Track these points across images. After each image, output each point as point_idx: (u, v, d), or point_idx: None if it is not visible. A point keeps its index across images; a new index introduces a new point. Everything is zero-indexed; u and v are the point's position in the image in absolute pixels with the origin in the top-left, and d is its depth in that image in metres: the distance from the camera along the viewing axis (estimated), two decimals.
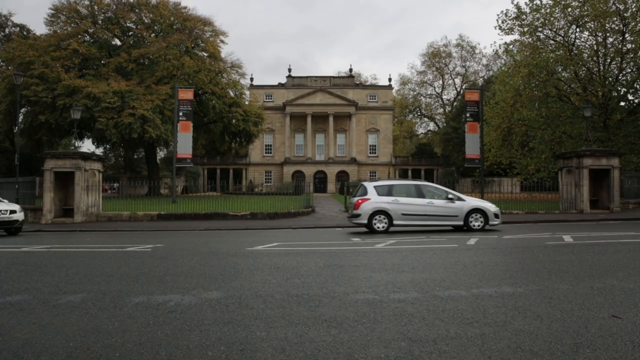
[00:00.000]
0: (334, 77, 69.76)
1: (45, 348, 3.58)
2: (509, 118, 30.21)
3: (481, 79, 65.84)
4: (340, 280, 6.19)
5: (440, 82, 74.20)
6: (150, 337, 3.83)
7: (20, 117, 36.15)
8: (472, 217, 13.75)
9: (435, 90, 74.83)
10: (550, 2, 27.30)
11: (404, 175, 64.20)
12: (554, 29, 28.15)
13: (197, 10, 50.75)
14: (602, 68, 28.00)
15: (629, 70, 27.61)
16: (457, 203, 13.95)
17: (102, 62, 41.56)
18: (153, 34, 43.92)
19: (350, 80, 68.57)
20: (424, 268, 7.11)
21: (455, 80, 73.20)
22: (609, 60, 27.95)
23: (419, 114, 77.31)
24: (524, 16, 28.15)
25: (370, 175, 63.48)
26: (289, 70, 67.14)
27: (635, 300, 4.95)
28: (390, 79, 78.87)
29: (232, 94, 44.26)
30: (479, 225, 13.76)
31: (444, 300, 5.00)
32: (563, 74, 28.61)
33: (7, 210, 14.05)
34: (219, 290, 5.59)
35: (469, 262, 7.62)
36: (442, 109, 75.11)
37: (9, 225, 14.07)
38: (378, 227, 13.50)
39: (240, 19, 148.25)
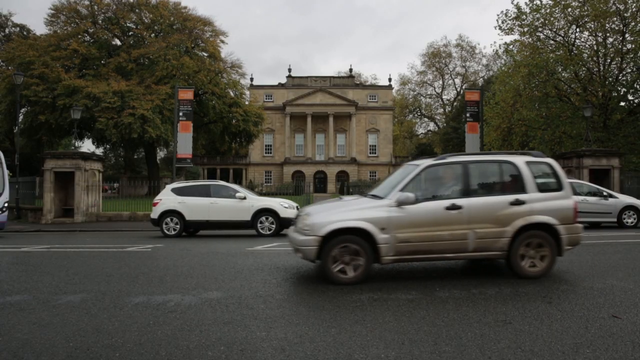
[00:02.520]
0: (334, 77, 69.74)
1: (45, 348, 3.58)
2: (509, 118, 30.21)
3: (481, 79, 65.84)
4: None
5: (440, 82, 74.22)
6: (150, 337, 3.83)
7: (20, 117, 36.14)
8: (625, 214, 14.55)
9: (435, 90, 74.86)
10: (550, 2, 27.31)
11: None
12: (554, 29, 28.15)
13: (197, 10, 50.69)
14: (602, 68, 27.99)
15: (629, 70, 27.61)
16: (611, 200, 14.66)
17: (102, 62, 41.58)
18: (153, 34, 43.93)
19: (350, 80, 68.57)
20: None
21: (455, 80, 73.23)
22: (609, 60, 27.94)
23: (419, 114, 77.33)
24: (524, 16, 28.15)
25: (370, 176, 63.51)
26: (289, 70, 67.14)
27: (635, 300, 4.96)
28: (390, 79, 78.87)
29: (232, 94, 44.27)
30: (631, 222, 14.51)
31: (444, 300, 4.99)
32: (563, 74, 28.60)
33: None
34: (219, 290, 5.59)
35: (469, 262, 7.62)
36: (442, 109, 75.12)
37: None
38: None
39: (240, 22, 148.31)
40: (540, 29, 28.33)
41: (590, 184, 15.67)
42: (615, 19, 26.21)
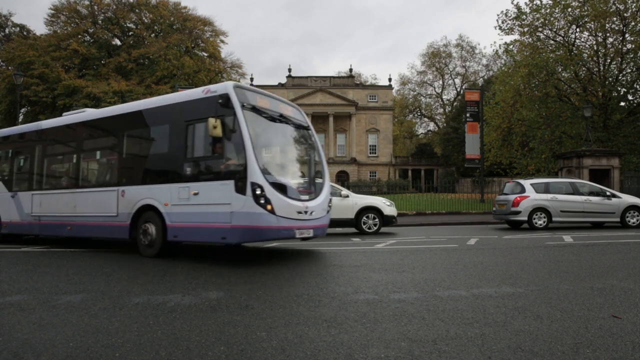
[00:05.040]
0: (334, 77, 69.71)
1: (45, 348, 3.58)
2: (509, 118, 30.21)
3: (481, 79, 65.84)
4: (340, 281, 6.19)
5: (440, 82, 74.24)
6: (150, 337, 3.83)
7: (20, 117, 36.19)
8: (628, 214, 14.70)
9: (435, 90, 74.87)
10: (550, 2, 27.31)
11: (403, 176, 64.15)
12: (554, 29, 28.15)
13: (197, 11, 50.77)
14: (602, 68, 28.00)
15: (629, 70, 27.62)
16: (614, 200, 14.64)
17: (102, 62, 41.63)
18: (153, 34, 43.93)
19: (350, 80, 68.54)
20: (424, 268, 7.11)
21: (455, 80, 73.24)
22: (609, 61, 27.95)
23: (419, 114, 77.35)
24: (524, 16, 28.16)
25: (370, 176, 63.47)
26: (289, 70, 67.11)
27: (635, 300, 4.95)
28: (390, 79, 78.82)
29: None
30: (634, 222, 14.61)
31: (444, 300, 5.00)
32: (563, 74, 28.61)
33: None
34: (218, 290, 5.59)
35: (469, 262, 7.62)
36: (442, 109, 75.14)
37: None
38: (538, 224, 14.46)
39: (241, 25, 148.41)
40: (540, 29, 28.34)
41: (593, 184, 15.70)
42: (615, 19, 26.21)
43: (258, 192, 6.94)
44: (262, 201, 6.98)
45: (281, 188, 7.38)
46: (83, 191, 9.90)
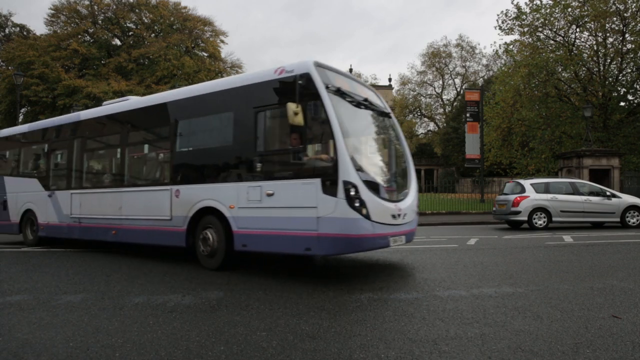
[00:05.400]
0: None
1: (45, 348, 3.58)
2: (509, 118, 30.20)
3: (481, 79, 65.81)
4: (337, 280, 6.19)
5: (440, 82, 74.19)
6: (150, 337, 3.83)
7: (20, 117, 36.20)
8: (628, 214, 14.76)
9: (435, 90, 74.83)
10: (550, 2, 27.32)
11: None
12: (554, 29, 28.15)
13: (197, 11, 50.77)
14: (602, 68, 27.99)
15: (629, 70, 27.61)
16: (614, 200, 14.73)
17: (102, 62, 41.64)
18: (153, 34, 43.95)
19: None
20: (424, 268, 7.11)
21: (455, 80, 73.20)
22: (609, 61, 27.94)
23: (419, 114, 77.31)
24: (524, 16, 28.16)
25: None
26: None
27: (635, 300, 4.96)
28: (390, 79, 78.89)
29: None
30: (635, 222, 14.68)
31: (444, 300, 5.00)
32: (563, 74, 28.60)
33: None
34: (218, 290, 5.59)
35: (469, 262, 7.62)
36: (442, 109, 75.10)
37: None
38: (538, 224, 14.57)
39: (241, 25, 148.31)
40: (540, 29, 28.33)
41: (593, 184, 15.71)
42: (615, 19, 26.21)
43: (352, 193, 5.64)
44: (357, 204, 5.66)
45: (374, 188, 6.07)
46: (129, 190, 8.62)
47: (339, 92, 6.29)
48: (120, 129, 9.19)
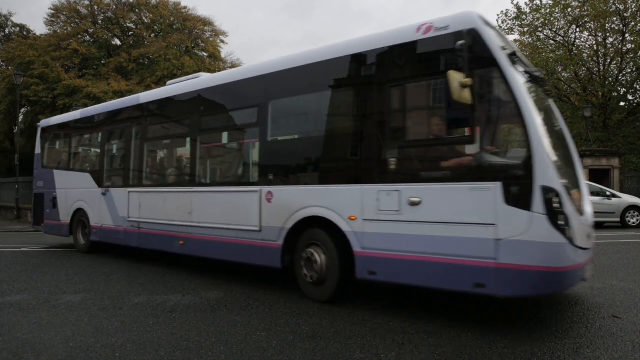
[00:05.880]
0: None
1: (46, 348, 3.58)
2: None
3: None
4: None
5: None
6: (150, 337, 3.83)
7: (20, 117, 36.19)
8: (628, 214, 14.87)
9: None
10: (550, 2, 27.33)
11: None
12: (554, 29, 28.16)
13: (197, 11, 50.74)
14: (602, 68, 28.00)
15: (629, 70, 27.62)
16: (614, 200, 14.91)
17: (102, 62, 41.63)
18: (153, 34, 43.97)
19: None
20: None
21: None
22: (609, 61, 27.95)
23: None
24: (524, 16, 28.18)
25: None
26: None
27: (635, 300, 4.96)
28: None
29: None
30: (634, 222, 14.78)
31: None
32: (563, 74, 28.62)
33: None
34: (218, 290, 5.59)
35: None
36: None
37: None
38: None
39: (241, 26, 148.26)
40: (540, 29, 28.35)
41: (593, 184, 15.71)
42: (615, 19, 26.21)
43: (555, 205, 3.82)
44: (562, 222, 3.83)
45: (570, 196, 4.08)
46: (203, 191, 6.76)
47: (516, 58, 4.32)
48: (191, 113, 7.30)
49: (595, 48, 27.94)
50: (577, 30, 27.96)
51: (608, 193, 14.89)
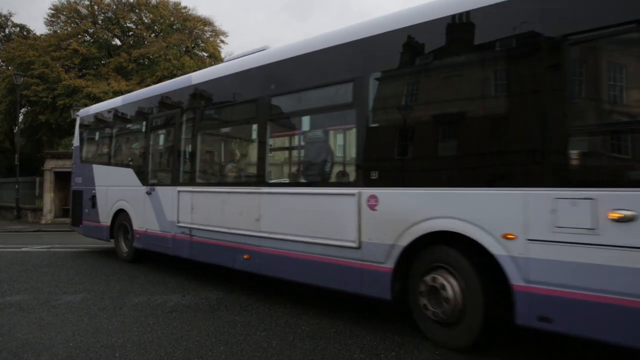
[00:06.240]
0: None
1: (45, 348, 3.58)
2: None
3: None
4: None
5: None
6: (150, 337, 3.83)
7: (20, 117, 36.20)
8: None
9: None
10: None
11: None
12: None
13: (197, 11, 50.75)
14: None
15: None
16: None
17: (102, 62, 41.62)
18: (153, 34, 43.98)
19: None
20: None
21: None
22: None
23: None
24: None
25: None
26: None
27: None
28: None
29: None
30: None
31: None
32: None
33: None
34: (218, 290, 5.59)
35: None
36: None
37: None
38: None
39: (241, 26, 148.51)
40: None
41: None
42: None
43: None
44: None
45: None
46: (275, 192, 5.28)
47: None
48: (258, 95, 5.68)
49: None
50: None
51: None
